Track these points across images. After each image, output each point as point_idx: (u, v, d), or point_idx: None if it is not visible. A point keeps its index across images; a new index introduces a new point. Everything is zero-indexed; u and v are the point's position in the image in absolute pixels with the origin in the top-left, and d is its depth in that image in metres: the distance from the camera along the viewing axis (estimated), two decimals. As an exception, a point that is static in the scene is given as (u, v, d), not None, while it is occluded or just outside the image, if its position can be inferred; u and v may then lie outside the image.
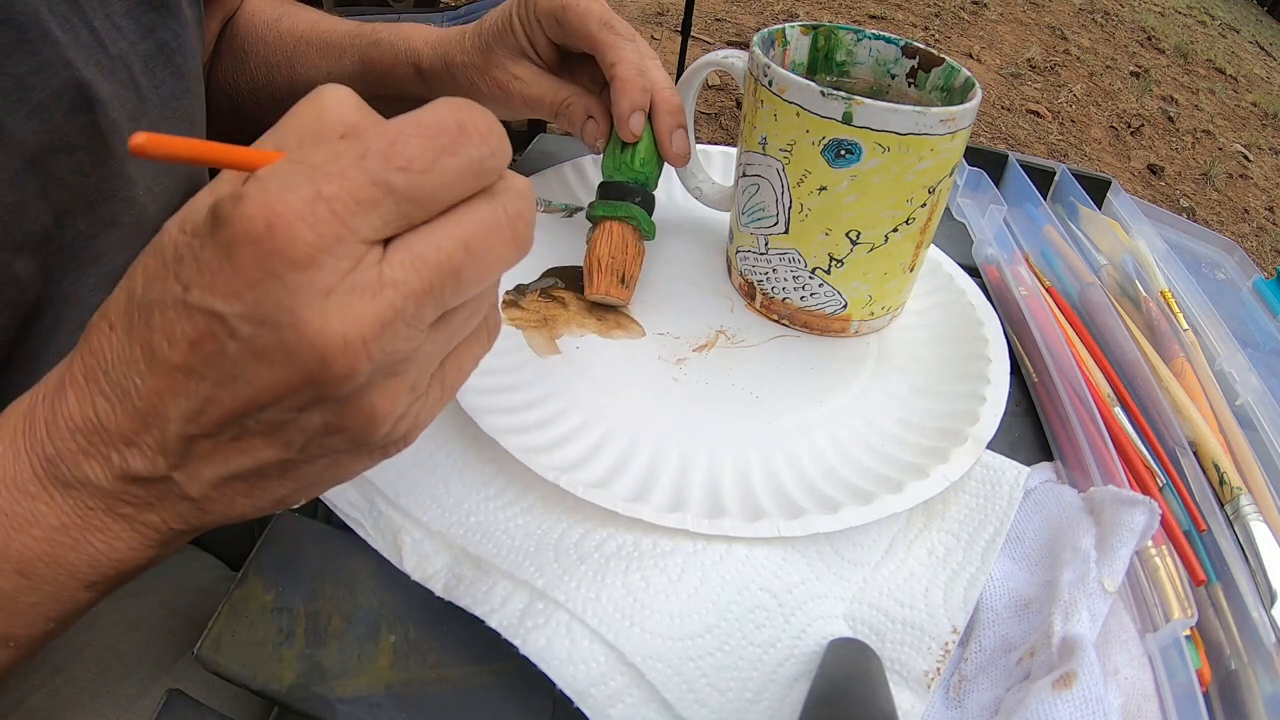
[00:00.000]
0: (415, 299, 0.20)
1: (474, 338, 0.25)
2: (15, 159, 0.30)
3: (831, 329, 0.42)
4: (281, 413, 0.21)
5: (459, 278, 0.21)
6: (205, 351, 0.20)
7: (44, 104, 0.30)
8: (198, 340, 0.20)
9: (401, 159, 0.20)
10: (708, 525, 0.31)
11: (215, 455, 0.22)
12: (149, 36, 0.36)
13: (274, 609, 0.30)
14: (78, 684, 0.37)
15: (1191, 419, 0.40)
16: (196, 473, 0.22)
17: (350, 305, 0.19)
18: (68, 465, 0.22)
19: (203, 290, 0.20)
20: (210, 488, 0.22)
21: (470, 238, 0.21)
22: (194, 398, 0.21)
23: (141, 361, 0.21)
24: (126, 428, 0.22)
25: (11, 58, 0.29)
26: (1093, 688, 0.26)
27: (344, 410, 0.21)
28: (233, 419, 0.21)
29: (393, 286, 0.20)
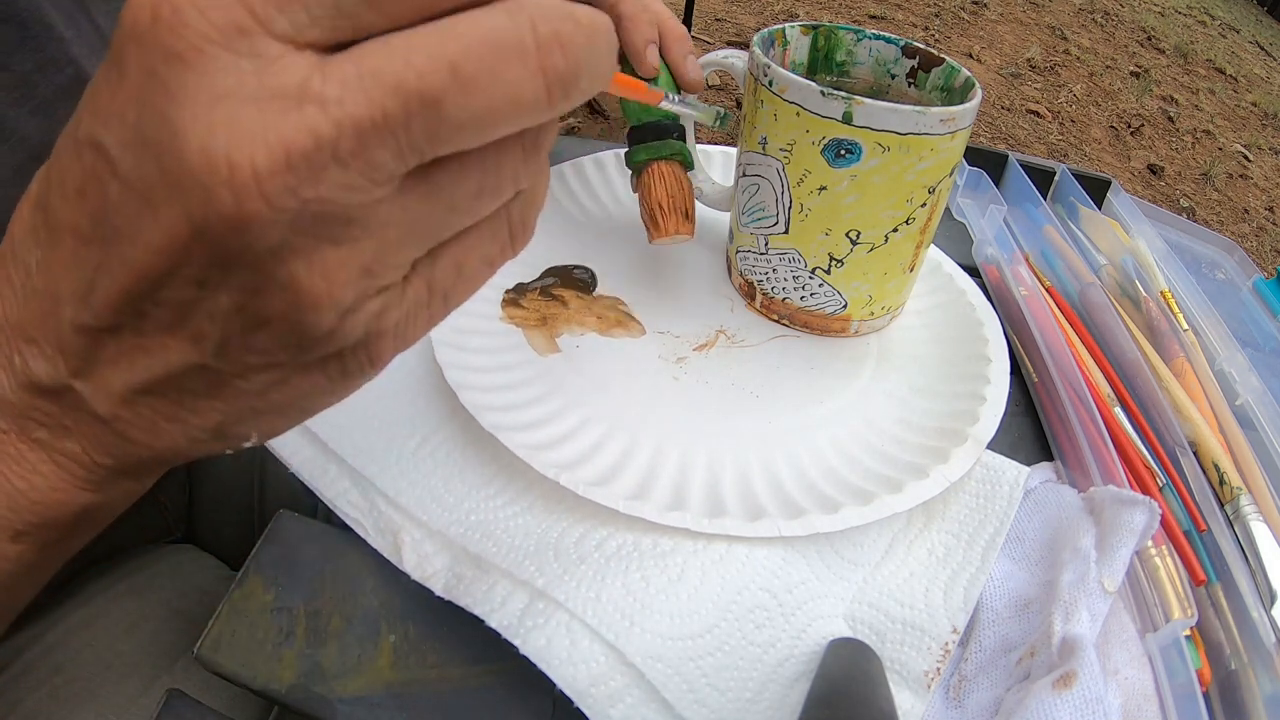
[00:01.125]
0: (356, 129, 0.14)
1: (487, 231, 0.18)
2: (19, 154, 0.30)
3: (831, 329, 0.42)
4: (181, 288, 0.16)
5: (438, 110, 0.14)
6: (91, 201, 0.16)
7: (48, 100, 0.31)
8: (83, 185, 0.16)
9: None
10: (708, 524, 0.31)
11: (120, 357, 0.17)
12: None
13: (274, 609, 0.30)
14: (78, 684, 0.37)
15: (1191, 419, 0.40)
16: (101, 382, 0.18)
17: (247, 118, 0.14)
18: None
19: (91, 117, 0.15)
20: (121, 403, 0.18)
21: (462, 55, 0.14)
22: (84, 269, 0.16)
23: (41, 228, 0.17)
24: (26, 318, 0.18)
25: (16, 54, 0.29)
26: (1093, 688, 0.26)
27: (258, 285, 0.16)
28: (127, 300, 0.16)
29: (319, 104, 0.14)
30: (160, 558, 0.45)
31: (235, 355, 0.17)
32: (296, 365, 0.18)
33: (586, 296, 0.43)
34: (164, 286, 0.16)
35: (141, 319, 0.17)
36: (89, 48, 0.32)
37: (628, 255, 0.46)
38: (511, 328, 0.40)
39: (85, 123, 0.16)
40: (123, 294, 0.16)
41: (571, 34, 0.15)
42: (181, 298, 0.16)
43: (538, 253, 0.45)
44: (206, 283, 0.16)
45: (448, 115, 0.15)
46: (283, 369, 0.18)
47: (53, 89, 0.31)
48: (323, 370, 0.18)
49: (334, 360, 0.18)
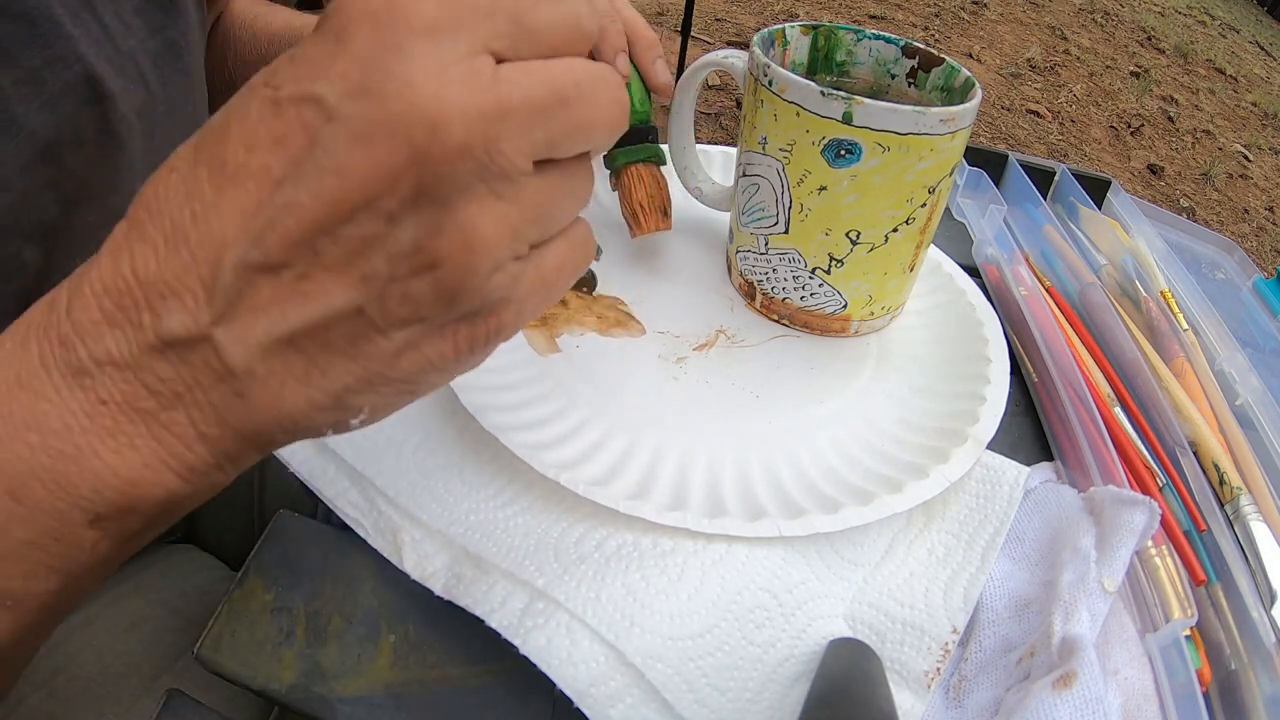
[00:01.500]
0: (530, 108, 0.19)
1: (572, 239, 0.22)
2: (27, 149, 0.30)
3: (831, 329, 0.42)
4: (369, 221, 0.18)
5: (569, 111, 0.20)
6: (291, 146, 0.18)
7: (56, 96, 0.31)
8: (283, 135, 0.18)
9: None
10: (708, 524, 0.31)
11: (274, 303, 0.18)
12: (158, 34, 0.37)
13: (274, 609, 0.30)
14: (78, 684, 0.37)
15: (1191, 419, 0.40)
16: (246, 330, 0.19)
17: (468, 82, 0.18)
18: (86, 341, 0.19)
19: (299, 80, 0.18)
20: (259, 355, 0.19)
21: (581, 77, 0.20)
22: (265, 209, 0.18)
23: (206, 181, 0.18)
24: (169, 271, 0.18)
25: (25, 51, 0.30)
26: (1093, 688, 0.26)
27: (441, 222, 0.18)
28: (308, 236, 0.18)
29: (509, 84, 0.19)
30: (160, 558, 0.45)
31: (392, 303, 0.19)
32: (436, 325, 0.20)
33: (586, 296, 0.43)
34: (353, 221, 0.18)
35: (315, 257, 0.18)
36: (95, 44, 0.33)
37: (628, 255, 0.46)
38: (511, 328, 0.40)
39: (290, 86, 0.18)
40: (307, 229, 0.18)
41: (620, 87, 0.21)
42: (366, 233, 0.18)
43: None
44: (396, 217, 0.18)
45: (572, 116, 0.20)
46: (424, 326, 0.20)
47: (60, 85, 0.31)
48: (454, 335, 0.20)
49: (467, 323, 0.20)
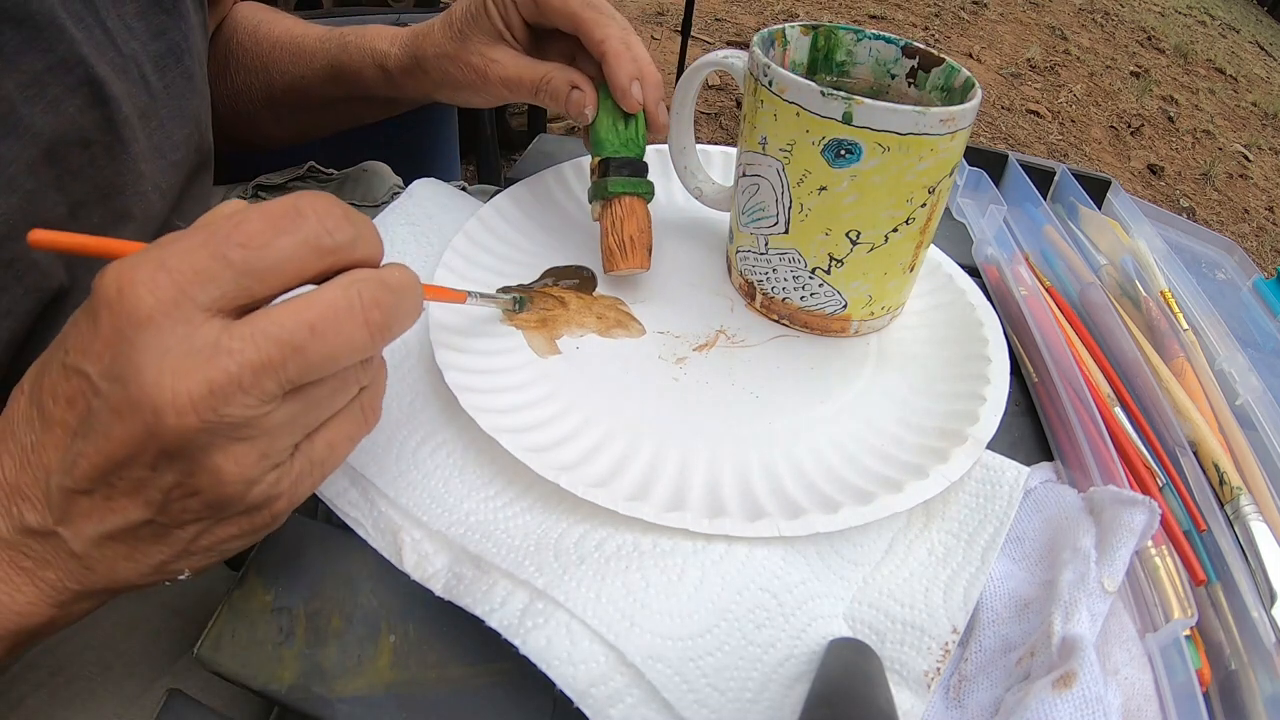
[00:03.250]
0: (252, 369, 0.22)
1: (346, 417, 0.26)
2: (31, 149, 0.31)
3: (831, 329, 0.42)
4: (138, 469, 0.23)
5: (303, 355, 0.22)
6: (78, 409, 0.23)
7: (59, 98, 0.31)
8: (72, 397, 0.23)
9: (240, 236, 0.22)
10: (708, 525, 0.31)
11: (93, 513, 0.24)
12: (160, 38, 0.37)
13: (274, 609, 0.30)
14: (78, 684, 0.37)
15: (1191, 419, 0.40)
16: (78, 530, 0.24)
17: (182, 365, 0.21)
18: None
19: (77, 352, 0.22)
20: (92, 545, 0.24)
21: (317, 319, 0.22)
22: (69, 452, 0.23)
23: (36, 419, 0.24)
24: (22, 481, 0.24)
25: (28, 54, 0.30)
26: (1093, 688, 0.26)
27: (191, 469, 0.23)
28: (99, 475, 0.23)
29: (228, 354, 0.21)
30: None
31: (174, 514, 0.24)
32: (219, 519, 0.25)
33: (586, 297, 0.43)
34: (126, 468, 0.23)
35: (110, 487, 0.23)
36: (98, 48, 0.33)
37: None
38: (511, 329, 0.40)
39: (73, 355, 0.23)
40: (96, 470, 0.23)
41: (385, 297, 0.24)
42: (138, 475, 0.23)
43: (538, 253, 0.45)
44: (155, 466, 0.23)
45: (309, 358, 0.23)
46: (207, 522, 0.25)
47: (63, 88, 0.31)
48: (236, 523, 0.25)
49: (244, 516, 0.25)
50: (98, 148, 0.33)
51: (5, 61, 0.29)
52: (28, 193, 0.31)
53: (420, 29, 0.47)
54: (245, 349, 0.22)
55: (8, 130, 0.30)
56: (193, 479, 0.23)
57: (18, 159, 0.30)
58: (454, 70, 0.44)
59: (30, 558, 0.25)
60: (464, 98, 0.47)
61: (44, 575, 0.25)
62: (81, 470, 0.23)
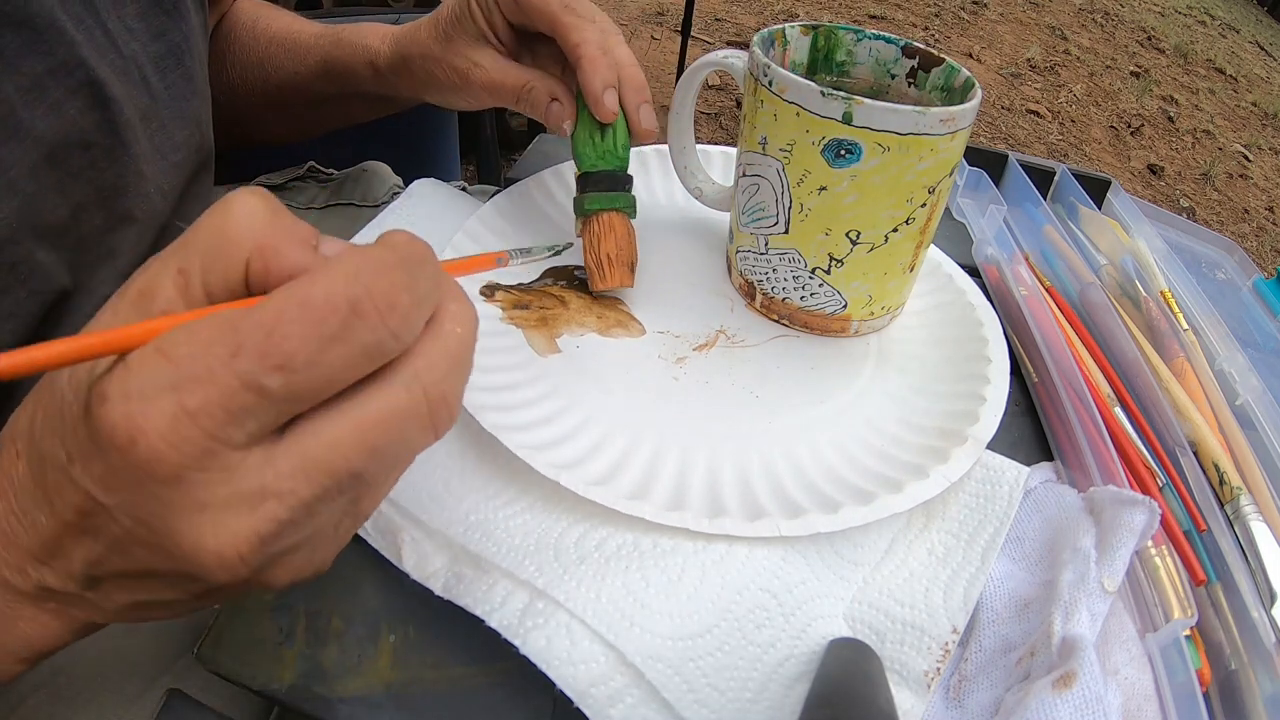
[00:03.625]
0: (305, 508, 0.19)
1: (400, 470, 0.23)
2: (33, 152, 0.31)
3: (831, 329, 0.42)
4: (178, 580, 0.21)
5: (359, 479, 0.19)
6: (94, 523, 0.20)
7: (60, 101, 0.31)
8: (85, 512, 0.20)
9: (279, 355, 0.17)
10: (708, 524, 0.31)
11: (122, 589, 0.22)
12: (160, 39, 0.37)
13: (274, 609, 0.30)
14: (78, 684, 0.37)
15: (1191, 419, 0.40)
16: (107, 597, 0.22)
17: (225, 522, 0.18)
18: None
19: (83, 470, 0.19)
20: (124, 610, 0.23)
21: (378, 438, 0.19)
22: (89, 551, 0.21)
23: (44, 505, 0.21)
24: (36, 550, 0.21)
25: (29, 57, 0.30)
26: (1093, 688, 0.26)
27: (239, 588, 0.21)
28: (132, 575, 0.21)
29: (277, 499, 0.18)
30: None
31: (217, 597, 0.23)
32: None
33: (587, 296, 0.43)
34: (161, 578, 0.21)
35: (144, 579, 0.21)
36: (98, 50, 0.33)
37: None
38: (511, 328, 0.40)
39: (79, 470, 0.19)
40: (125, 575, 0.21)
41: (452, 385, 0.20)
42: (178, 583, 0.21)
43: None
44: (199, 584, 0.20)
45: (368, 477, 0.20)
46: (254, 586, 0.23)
47: (64, 90, 0.31)
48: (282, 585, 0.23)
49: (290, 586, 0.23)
50: (99, 150, 0.33)
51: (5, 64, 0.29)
52: (29, 195, 0.31)
53: (409, 28, 0.46)
54: (298, 489, 0.18)
55: (9, 133, 0.30)
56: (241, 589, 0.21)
57: (19, 162, 0.30)
58: (438, 72, 0.44)
59: (56, 601, 0.23)
60: (449, 100, 0.46)
61: (71, 614, 0.23)
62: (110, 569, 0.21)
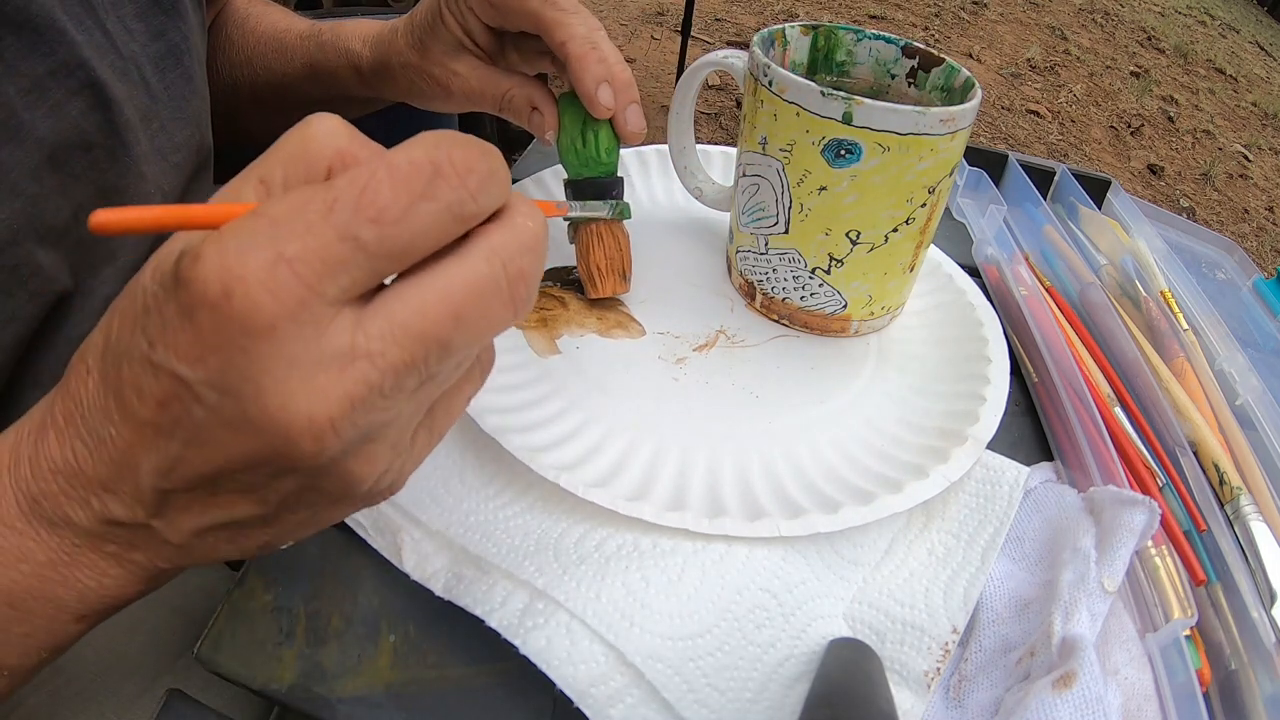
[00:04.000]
0: (394, 372, 0.19)
1: (466, 379, 0.24)
2: (35, 154, 0.31)
3: (831, 329, 0.42)
4: (254, 477, 0.20)
5: (446, 349, 0.19)
6: (173, 412, 0.19)
7: (61, 102, 0.31)
8: (164, 400, 0.19)
9: (372, 209, 0.18)
10: (708, 525, 0.31)
11: (192, 508, 0.21)
12: (159, 39, 0.37)
13: (274, 609, 0.30)
14: (78, 684, 0.37)
15: (1191, 419, 0.40)
16: (175, 522, 0.22)
17: (316, 381, 0.18)
18: (50, 506, 0.22)
19: (166, 350, 0.19)
20: (191, 536, 0.22)
21: (462, 305, 0.19)
22: (165, 455, 0.20)
23: (115, 411, 0.20)
24: (104, 475, 0.21)
25: (29, 59, 0.30)
26: (1093, 688, 0.26)
27: (319, 477, 0.20)
28: (205, 479, 0.20)
29: (368, 359, 0.18)
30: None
31: (290, 507, 0.22)
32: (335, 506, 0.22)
33: (586, 297, 0.43)
34: (239, 475, 0.20)
35: (217, 488, 0.21)
36: (98, 50, 0.33)
37: (628, 255, 0.46)
38: (511, 329, 0.40)
39: (161, 352, 0.19)
40: (202, 477, 0.20)
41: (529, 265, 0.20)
42: (253, 480, 0.20)
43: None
44: (277, 475, 0.20)
45: (454, 349, 0.20)
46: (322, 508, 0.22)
47: (65, 91, 0.31)
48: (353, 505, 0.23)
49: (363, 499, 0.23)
50: (100, 151, 0.33)
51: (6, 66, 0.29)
52: (31, 197, 0.31)
53: (386, 32, 0.44)
54: (387, 351, 0.18)
55: (10, 135, 0.30)
56: (319, 483, 0.21)
57: (20, 164, 0.30)
58: (418, 81, 0.43)
59: (116, 543, 0.22)
60: (436, 105, 0.45)
61: (131, 558, 0.23)
62: (181, 475, 0.20)
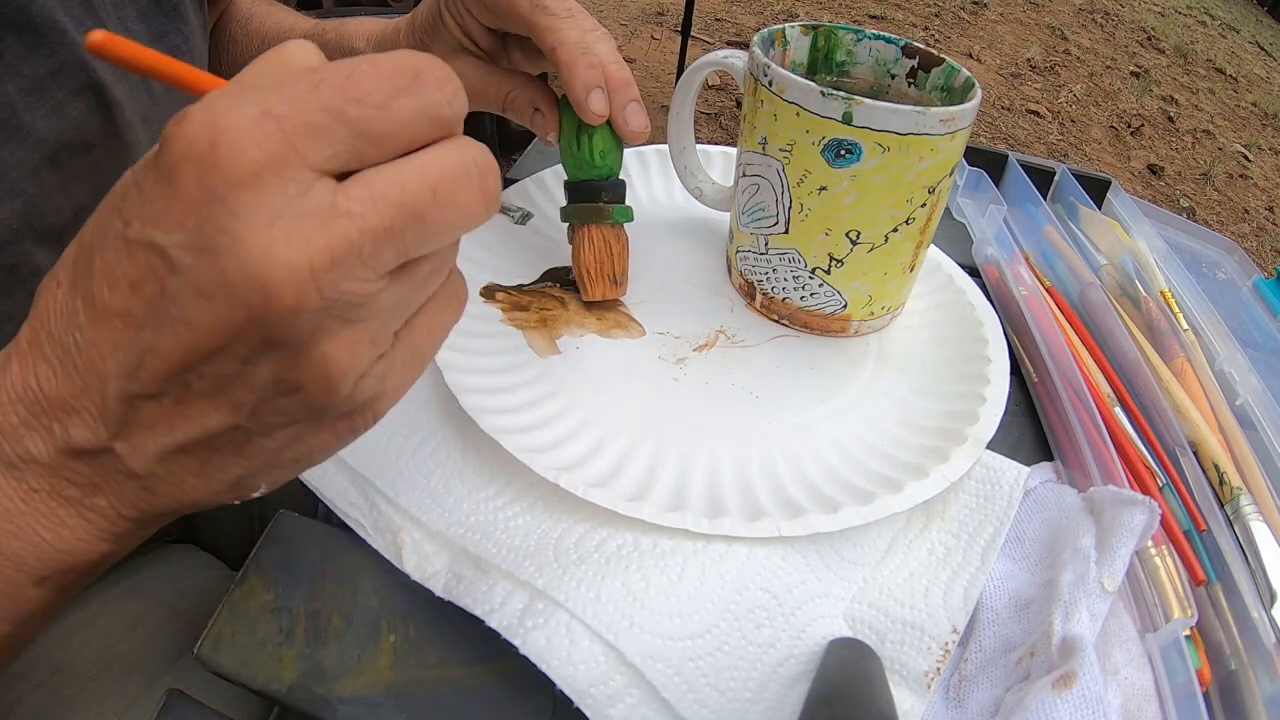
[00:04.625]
0: (373, 236, 0.19)
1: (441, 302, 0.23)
2: (35, 154, 0.31)
3: (831, 329, 0.42)
4: (227, 363, 0.19)
5: (423, 223, 0.20)
6: (145, 293, 0.19)
7: (62, 103, 0.31)
8: (137, 280, 0.19)
9: (357, 91, 0.19)
10: (707, 525, 0.31)
11: (159, 422, 0.20)
12: (160, 40, 0.37)
13: (274, 609, 0.30)
14: (78, 684, 0.37)
15: (1191, 419, 0.40)
16: (140, 444, 0.21)
17: (298, 230, 0.18)
18: (9, 442, 0.21)
19: (143, 222, 0.18)
20: (156, 461, 0.21)
21: (438, 182, 0.20)
22: (133, 349, 0.19)
23: (82, 313, 0.20)
24: (66, 391, 0.20)
25: (31, 60, 0.30)
26: (1093, 688, 0.26)
27: (296, 360, 0.19)
28: (175, 373, 0.19)
29: (347, 217, 0.18)
30: (160, 558, 0.45)
31: (265, 417, 0.20)
32: (315, 424, 0.21)
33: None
34: (211, 362, 0.19)
35: (186, 389, 0.20)
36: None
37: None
38: (511, 329, 0.40)
39: (137, 225, 0.18)
40: (172, 368, 0.19)
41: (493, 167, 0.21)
42: (226, 371, 0.19)
43: (537, 255, 0.45)
44: (251, 359, 0.19)
45: (429, 227, 0.20)
46: (301, 426, 0.21)
47: (66, 92, 0.31)
48: (333, 426, 0.22)
49: (344, 419, 0.22)
50: (100, 151, 0.33)
51: (7, 67, 0.29)
52: (32, 197, 0.31)
53: (389, 31, 0.44)
54: (367, 213, 0.18)
55: (11, 135, 0.30)
56: (295, 372, 0.19)
57: (21, 163, 0.30)
58: None
59: (76, 484, 0.21)
60: None
61: (93, 503, 0.21)
62: (151, 370, 0.19)
